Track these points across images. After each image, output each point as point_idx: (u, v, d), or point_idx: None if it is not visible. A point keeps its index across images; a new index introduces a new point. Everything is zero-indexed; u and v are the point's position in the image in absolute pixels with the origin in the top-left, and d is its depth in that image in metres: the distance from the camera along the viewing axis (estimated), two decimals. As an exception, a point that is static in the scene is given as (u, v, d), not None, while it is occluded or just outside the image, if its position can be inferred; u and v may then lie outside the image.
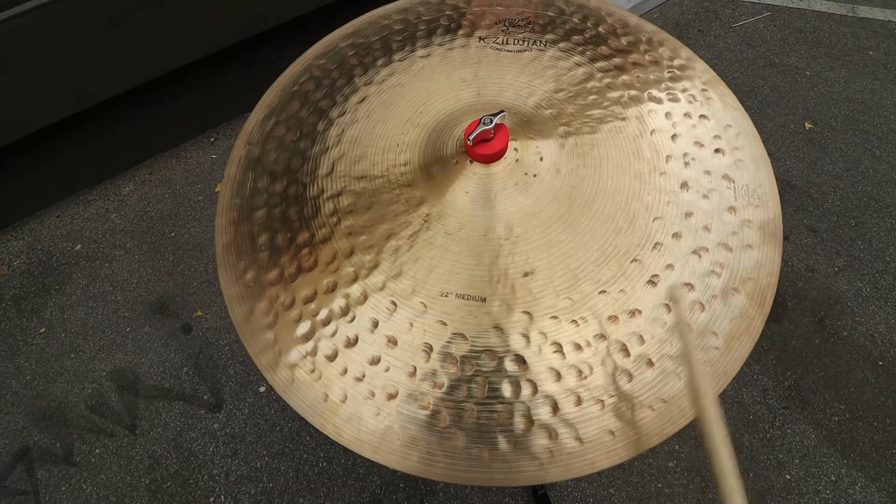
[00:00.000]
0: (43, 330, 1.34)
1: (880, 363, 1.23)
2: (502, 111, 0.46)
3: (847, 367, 1.23)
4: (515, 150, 0.47)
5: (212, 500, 1.11)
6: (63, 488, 1.13)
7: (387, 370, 0.42)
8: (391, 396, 0.41)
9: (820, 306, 1.32)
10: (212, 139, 1.72)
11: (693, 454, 1.13)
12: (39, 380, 1.27)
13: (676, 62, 0.55)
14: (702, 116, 0.52)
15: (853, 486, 1.10)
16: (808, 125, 1.66)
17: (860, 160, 1.58)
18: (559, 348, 0.42)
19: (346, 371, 0.42)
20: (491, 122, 0.45)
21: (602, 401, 0.41)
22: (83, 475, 1.14)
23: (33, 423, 1.21)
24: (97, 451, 1.17)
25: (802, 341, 1.27)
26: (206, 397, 1.23)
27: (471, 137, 0.45)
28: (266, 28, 1.51)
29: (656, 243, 0.45)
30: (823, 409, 1.18)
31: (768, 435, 1.15)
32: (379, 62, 0.56)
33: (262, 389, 1.24)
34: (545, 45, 0.55)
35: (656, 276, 0.44)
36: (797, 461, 1.12)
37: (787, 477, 1.11)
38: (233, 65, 1.57)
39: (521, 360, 0.41)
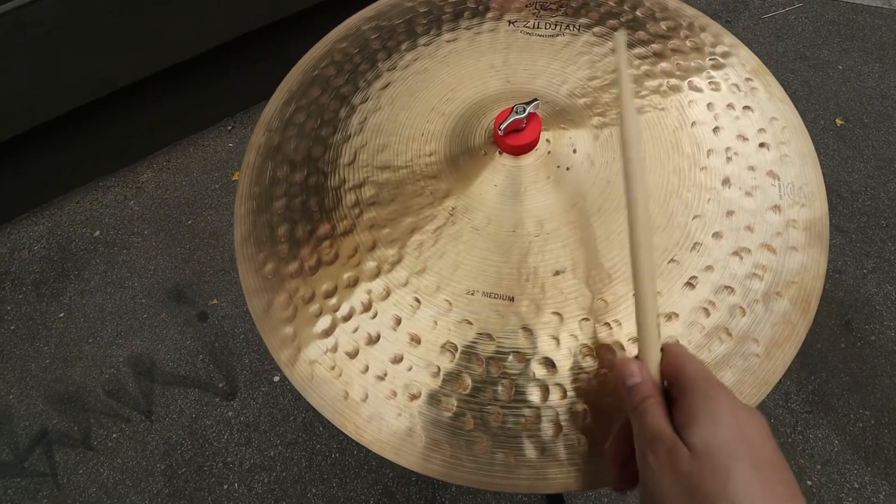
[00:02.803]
0: (62, 314, 1.36)
1: (910, 369, 1.19)
2: (535, 99, 0.44)
3: (873, 372, 1.19)
4: (547, 141, 0.45)
5: (225, 486, 1.11)
6: (80, 471, 1.14)
7: (409, 369, 0.40)
8: (414, 397, 0.40)
9: (847, 309, 1.27)
10: (229, 127, 1.71)
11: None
12: (58, 364, 1.28)
13: (719, 49, 0.51)
14: (746, 108, 0.48)
15: (877, 494, 1.06)
16: (839, 121, 1.59)
17: (893, 159, 1.52)
18: (591, 351, 0.40)
19: (367, 369, 0.41)
20: (524, 110, 0.42)
21: (635, 407, 0.39)
22: (100, 459, 1.16)
23: (52, 407, 1.23)
24: (114, 435, 1.19)
25: (828, 344, 1.23)
26: (221, 385, 1.24)
27: (502, 127, 0.43)
28: (285, 15, 1.49)
29: (696, 243, 0.43)
30: (848, 415, 1.14)
31: (790, 440, 1.12)
32: (403, 46, 0.54)
33: (276, 379, 1.24)
34: (579, 30, 0.52)
35: (695, 277, 0.42)
36: (819, 467, 1.09)
37: (809, 483, 1.08)
38: (250, 52, 1.56)
39: (550, 363, 0.40)
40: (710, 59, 0.50)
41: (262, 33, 1.50)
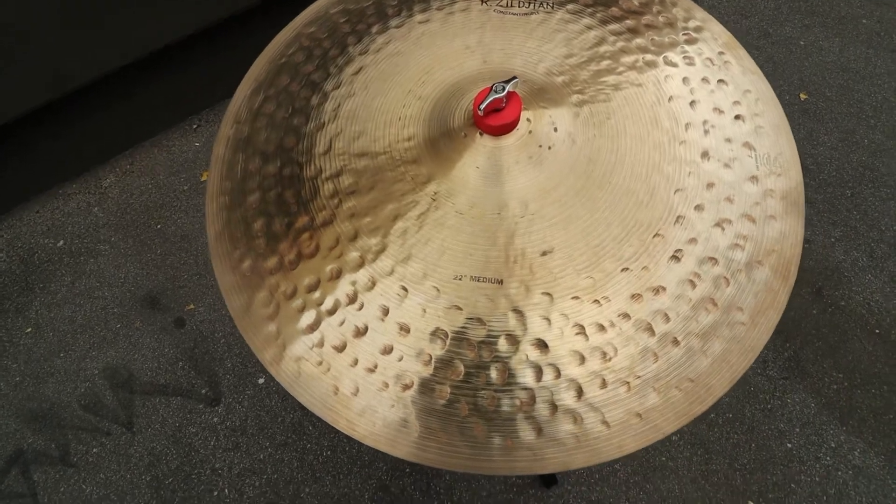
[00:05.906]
0: (29, 330, 1.29)
1: (877, 332, 1.24)
2: (514, 78, 0.43)
3: (844, 336, 1.24)
4: (528, 120, 0.44)
5: (216, 493, 1.09)
6: (62, 489, 1.10)
7: (400, 359, 0.39)
8: (406, 387, 0.39)
9: (817, 277, 1.32)
10: (194, 126, 1.65)
11: (695, 427, 1.14)
12: (29, 381, 1.22)
13: (691, 23, 0.52)
14: (720, 81, 0.49)
15: (852, 451, 1.11)
16: (803, 96, 1.64)
17: (855, 130, 1.58)
18: (582, 330, 0.40)
19: (356, 362, 0.40)
20: (503, 89, 0.41)
21: (628, 382, 0.39)
22: (82, 475, 1.11)
23: (26, 426, 1.17)
24: (94, 450, 1.14)
25: (801, 312, 1.27)
26: (203, 391, 1.20)
27: (481, 107, 0.42)
28: (250, 6, 1.44)
29: (679, 216, 0.43)
30: (822, 378, 1.19)
31: (769, 406, 1.17)
32: (374, 29, 0.52)
33: (261, 381, 1.21)
34: (552, 7, 0.52)
35: (679, 251, 0.42)
36: (798, 430, 1.14)
37: (789, 445, 1.12)
38: (215, 46, 1.50)
39: (542, 344, 0.39)
40: (684, 34, 0.50)
41: (226, 26, 1.44)
